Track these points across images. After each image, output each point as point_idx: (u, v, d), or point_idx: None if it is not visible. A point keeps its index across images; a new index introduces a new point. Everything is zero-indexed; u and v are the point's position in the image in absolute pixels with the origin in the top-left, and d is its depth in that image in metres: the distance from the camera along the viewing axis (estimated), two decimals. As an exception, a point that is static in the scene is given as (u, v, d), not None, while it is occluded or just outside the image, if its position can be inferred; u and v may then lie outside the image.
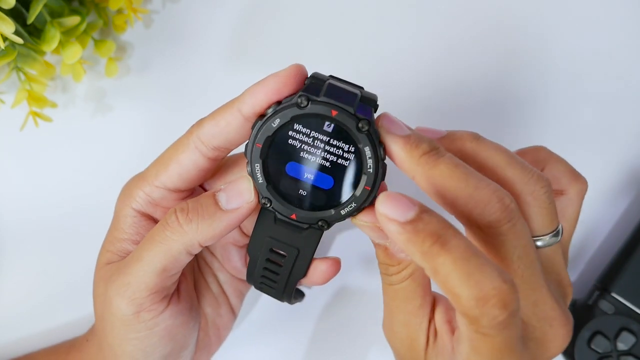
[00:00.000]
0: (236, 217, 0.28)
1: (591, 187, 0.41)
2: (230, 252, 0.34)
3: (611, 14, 0.42)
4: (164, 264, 0.28)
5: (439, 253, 0.22)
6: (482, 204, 0.24)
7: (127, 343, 0.29)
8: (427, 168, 0.25)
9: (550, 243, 0.28)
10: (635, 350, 0.36)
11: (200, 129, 0.28)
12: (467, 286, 0.22)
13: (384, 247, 0.27)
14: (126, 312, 0.28)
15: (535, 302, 0.26)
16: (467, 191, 0.24)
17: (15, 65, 0.38)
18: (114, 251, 0.31)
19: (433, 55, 0.42)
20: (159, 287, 0.28)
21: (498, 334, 0.22)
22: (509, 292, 0.22)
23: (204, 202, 0.28)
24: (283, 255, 0.29)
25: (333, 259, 0.30)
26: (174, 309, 0.30)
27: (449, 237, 0.22)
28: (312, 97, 0.26)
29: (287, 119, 0.26)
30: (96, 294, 0.31)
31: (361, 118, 0.26)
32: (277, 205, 0.28)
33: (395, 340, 0.29)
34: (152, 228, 0.30)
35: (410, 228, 0.23)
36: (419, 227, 0.23)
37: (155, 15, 0.43)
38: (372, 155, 0.26)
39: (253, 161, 0.27)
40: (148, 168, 0.30)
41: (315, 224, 0.28)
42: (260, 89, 0.27)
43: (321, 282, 0.30)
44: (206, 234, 0.27)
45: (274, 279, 0.30)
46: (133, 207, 0.30)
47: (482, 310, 0.22)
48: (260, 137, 0.27)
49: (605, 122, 0.42)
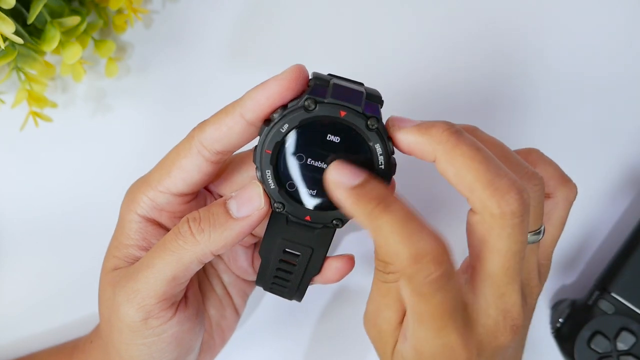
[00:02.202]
0: (248, 224, 0.27)
1: (591, 187, 0.41)
2: (237, 253, 0.34)
3: (611, 14, 0.42)
4: (174, 272, 0.28)
5: (382, 214, 0.24)
6: (500, 193, 0.25)
7: (134, 348, 0.29)
8: (449, 147, 0.25)
9: (529, 241, 0.28)
10: (635, 350, 0.36)
11: (202, 134, 0.28)
12: (405, 244, 0.23)
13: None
14: (134, 318, 0.28)
15: (503, 294, 0.26)
16: (488, 177, 0.25)
17: (16, 65, 0.38)
18: (120, 257, 0.31)
19: (431, 54, 0.42)
20: (168, 295, 0.28)
21: (433, 294, 0.24)
22: (442, 252, 0.24)
23: (215, 211, 0.28)
24: (297, 255, 0.30)
25: (347, 255, 0.31)
26: (182, 315, 0.30)
27: (391, 201, 0.24)
28: (319, 99, 0.26)
29: (296, 123, 0.26)
30: (103, 299, 0.31)
31: (370, 116, 0.26)
32: (290, 209, 0.28)
33: (374, 332, 0.30)
34: (161, 234, 0.31)
35: (356, 191, 0.25)
36: (364, 191, 0.25)
37: (155, 15, 0.43)
38: (383, 152, 0.26)
39: (263, 167, 0.27)
40: (151, 172, 0.30)
41: (329, 223, 0.28)
42: (262, 92, 0.27)
43: (335, 280, 0.31)
44: (218, 243, 0.27)
45: (287, 278, 0.30)
46: (138, 212, 0.30)
47: (418, 266, 0.23)
48: (269, 143, 0.27)
49: (605, 122, 0.42)
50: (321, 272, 0.30)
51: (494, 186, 0.25)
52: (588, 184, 0.41)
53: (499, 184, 0.25)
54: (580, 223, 0.41)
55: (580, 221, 0.41)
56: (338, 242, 0.41)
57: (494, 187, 0.25)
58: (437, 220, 0.41)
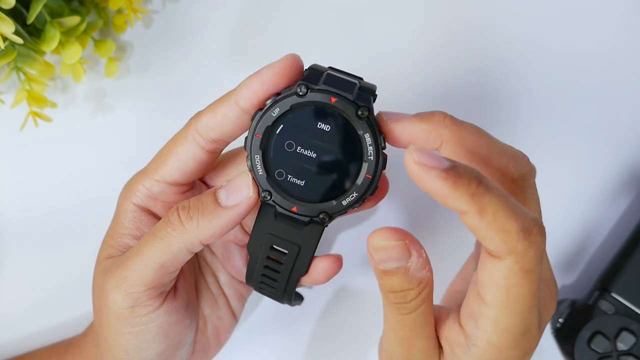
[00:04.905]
0: (236, 213, 0.28)
1: (591, 187, 0.41)
2: (231, 251, 0.34)
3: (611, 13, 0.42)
4: (162, 260, 0.28)
5: (485, 192, 0.23)
6: (514, 158, 0.26)
7: (121, 337, 0.29)
8: (455, 128, 0.26)
9: None
10: (635, 350, 0.36)
11: (198, 122, 0.28)
12: (515, 219, 0.23)
13: (404, 270, 0.25)
14: (122, 305, 0.28)
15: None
16: (498, 146, 0.26)
17: (15, 65, 0.38)
18: (114, 245, 0.31)
19: (432, 52, 0.42)
20: (156, 283, 0.28)
21: (537, 268, 0.23)
22: (541, 222, 0.24)
23: (204, 199, 0.28)
24: (284, 252, 0.29)
25: (334, 256, 0.30)
26: (170, 305, 0.30)
27: (487, 180, 0.23)
28: (311, 85, 0.26)
29: (287, 107, 0.27)
30: (94, 287, 0.31)
31: (360, 105, 0.26)
32: (277, 198, 0.28)
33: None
34: (153, 223, 0.31)
35: (454, 172, 0.23)
36: (461, 171, 0.23)
37: (155, 15, 0.43)
38: (373, 142, 0.27)
39: (253, 152, 0.27)
40: (149, 163, 0.31)
41: (316, 216, 0.28)
42: (255, 80, 0.27)
43: (322, 281, 0.30)
44: (207, 231, 0.27)
45: (274, 277, 0.30)
46: (133, 201, 0.30)
47: (530, 239, 0.23)
48: (260, 127, 0.27)
49: (605, 121, 0.42)
50: (308, 272, 0.30)
51: (507, 154, 0.27)
52: (588, 184, 0.41)
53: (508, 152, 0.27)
54: (580, 223, 0.41)
55: (580, 221, 0.41)
56: (336, 242, 0.41)
57: (508, 155, 0.27)
58: (436, 220, 0.41)
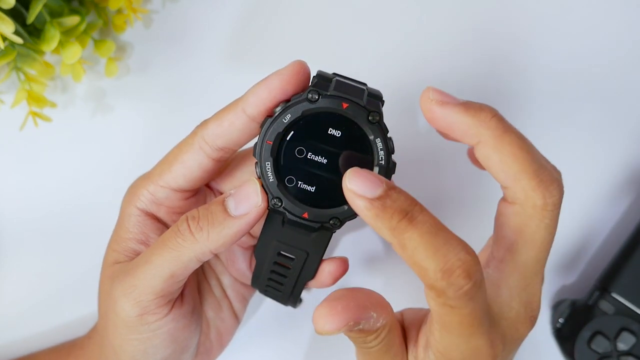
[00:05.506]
0: (245, 222, 0.27)
1: (591, 187, 0.41)
2: (235, 254, 0.34)
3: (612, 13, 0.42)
4: (172, 270, 0.28)
5: (407, 228, 0.23)
6: (545, 184, 0.25)
7: (128, 343, 0.29)
8: (498, 133, 0.25)
9: None
10: (636, 350, 0.36)
11: (205, 130, 0.28)
12: (434, 259, 0.22)
13: (358, 331, 0.26)
14: (130, 313, 0.28)
15: (528, 285, 0.26)
16: (534, 167, 0.25)
17: (15, 65, 0.38)
18: (120, 250, 0.31)
19: (431, 55, 0.42)
20: (165, 292, 0.28)
21: (464, 305, 0.23)
22: (472, 264, 0.23)
23: (213, 209, 0.28)
24: (291, 258, 0.29)
25: (340, 258, 0.30)
26: (177, 312, 0.30)
27: (416, 213, 0.23)
28: (322, 91, 0.26)
29: (299, 114, 0.26)
30: (101, 292, 0.31)
31: (371, 110, 0.26)
32: (288, 205, 0.27)
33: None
34: (159, 228, 0.31)
35: (379, 204, 0.23)
36: (387, 203, 0.23)
37: (155, 15, 0.43)
38: (384, 147, 0.26)
39: (263, 159, 0.27)
40: (153, 167, 0.31)
41: (327, 222, 0.27)
42: (263, 87, 0.27)
43: (329, 284, 0.30)
44: (217, 242, 0.27)
45: (281, 281, 0.30)
46: (137, 206, 0.30)
47: (449, 281, 0.22)
48: (271, 134, 0.27)
49: (605, 122, 0.42)
50: (315, 276, 0.30)
51: (540, 177, 0.25)
52: (588, 184, 0.41)
53: (543, 175, 0.25)
54: (580, 223, 0.41)
55: (580, 221, 0.41)
56: (336, 242, 0.41)
57: (540, 179, 0.25)
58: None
